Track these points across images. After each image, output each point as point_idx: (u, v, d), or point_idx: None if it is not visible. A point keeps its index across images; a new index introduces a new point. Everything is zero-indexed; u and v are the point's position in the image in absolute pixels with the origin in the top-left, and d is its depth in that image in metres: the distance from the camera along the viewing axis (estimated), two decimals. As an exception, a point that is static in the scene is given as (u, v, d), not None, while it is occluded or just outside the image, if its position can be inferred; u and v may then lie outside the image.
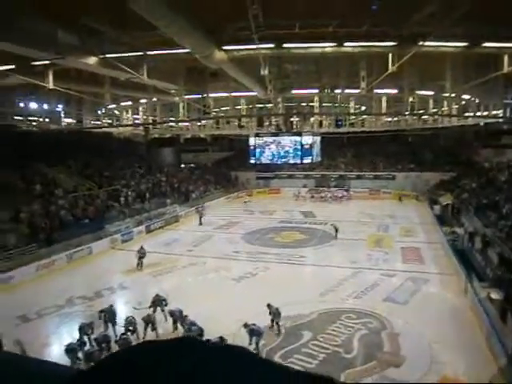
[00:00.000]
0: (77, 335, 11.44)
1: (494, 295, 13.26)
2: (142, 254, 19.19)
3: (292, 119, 36.86)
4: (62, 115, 36.47)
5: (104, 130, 37.27)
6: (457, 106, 31.37)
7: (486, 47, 15.95)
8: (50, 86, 19.62)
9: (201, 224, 29.25)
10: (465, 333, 12.14)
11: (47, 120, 35.81)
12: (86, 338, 11.35)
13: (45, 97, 31.38)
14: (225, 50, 16.50)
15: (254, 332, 11.13)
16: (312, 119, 35.34)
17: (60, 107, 35.54)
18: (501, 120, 33.53)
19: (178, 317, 12.37)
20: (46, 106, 34.94)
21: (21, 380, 0.76)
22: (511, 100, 31.52)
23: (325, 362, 10.87)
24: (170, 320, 12.60)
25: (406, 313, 13.82)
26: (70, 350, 10.49)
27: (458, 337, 11.89)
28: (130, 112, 35.24)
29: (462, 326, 12.64)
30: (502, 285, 14.03)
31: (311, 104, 32.21)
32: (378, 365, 10.66)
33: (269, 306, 12.54)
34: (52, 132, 33.85)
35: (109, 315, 12.50)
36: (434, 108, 31.39)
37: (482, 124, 35.60)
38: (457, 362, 10.62)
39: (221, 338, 9.96)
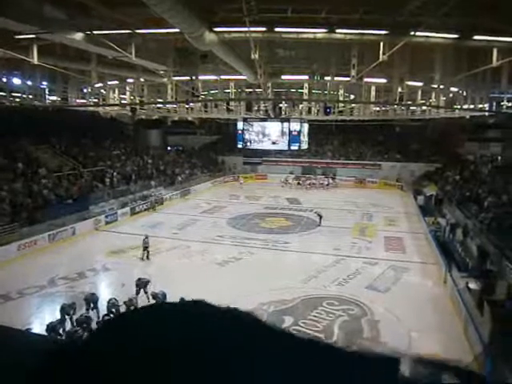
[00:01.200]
0: (58, 315, 11.39)
1: (472, 285, 13.58)
2: (146, 243, 18.15)
3: (281, 105, 36.74)
4: (47, 92, 35.64)
5: (90, 108, 36.60)
6: (444, 98, 31.60)
7: (476, 40, 16.01)
8: (35, 61, 19.07)
9: (154, 210, 28.27)
10: (443, 321, 12.44)
11: (31, 97, 34.96)
12: (67, 319, 11.30)
13: (29, 73, 30.53)
14: (215, 32, 16.22)
15: None
16: (301, 106, 35.25)
17: (44, 84, 34.66)
18: (486, 114, 33.91)
19: (160, 299, 12.38)
20: (29, 83, 34.04)
21: (4, 349, 0.74)
22: (498, 94, 31.84)
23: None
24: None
25: (386, 300, 14.08)
26: (51, 328, 10.45)
27: (436, 325, 12.18)
28: (116, 92, 34.60)
29: (441, 314, 12.95)
30: (480, 275, 14.38)
31: (300, 90, 32.08)
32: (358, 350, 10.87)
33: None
34: (36, 109, 33.08)
35: (91, 302, 12.42)
36: (422, 99, 31.58)
37: (468, 117, 35.95)
38: (434, 350, 10.88)
39: None
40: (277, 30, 16.32)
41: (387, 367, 0.56)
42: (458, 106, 32.27)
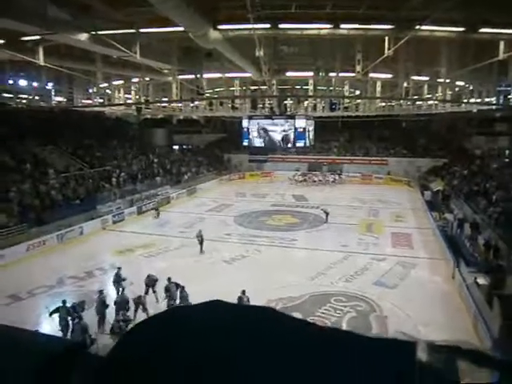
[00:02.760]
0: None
1: (481, 280, 13.48)
2: (200, 237, 19.00)
3: (286, 102, 36.61)
4: (53, 93, 35.86)
5: (95, 109, 36.76)
6: (451, 93, 31.35)
7: (482, 33, 15.85)
8: (41, 62, 19.21)
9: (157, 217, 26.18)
10: (452, 317, 12.38)
11: (37, 98, 35.21)
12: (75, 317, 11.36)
13: (35, 74, 30.74)
14: (220, 30, 16.21)
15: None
16: (306, 102, 35.14)
17: (50, 85, 34.87)
18: (494, 107, 33.61)
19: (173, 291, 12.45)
20: (35, 84, 34.27)
21: (13, 351, 0.75)
22: (505, 87, 31.54)
23: (314, 344, 11.03)
24: (161, 302, 12.68)
25: (394, 296, 14.03)
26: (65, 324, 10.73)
27: (445, 320, 12.11)
28: (121, 91, 34.73)
29: (450, 310, 12.88)
30: (489, 270, 14.27)
31: (305, 87, 31.99)
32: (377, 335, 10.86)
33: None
34: (42, 110, 33.29)
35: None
36: (428, 94, 31.35)
37: (474, 111, 35.67)
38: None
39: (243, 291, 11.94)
40: (281, 26, 16.28)
41: (405, 351, 0.57)
42: (465, 100, 32.05)
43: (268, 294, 13.73)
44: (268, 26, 15.96)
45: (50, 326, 11.56)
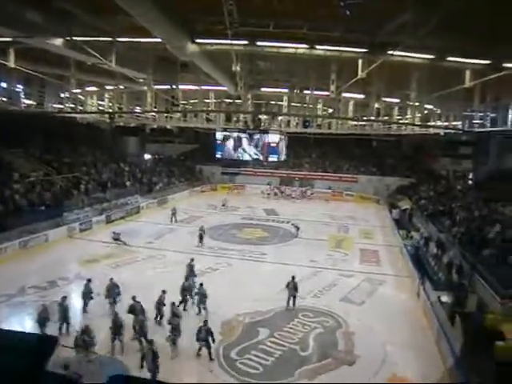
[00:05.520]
0: (27, 325, 11.10)
1: (444, 298, 13.88)
2: (201, 231, 22.05)
3: (260, 116, 36.95)
4: (22, 96, 34.87)
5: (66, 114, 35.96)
6: (420, 115, 32.46)
7: (450, 61, 16.59)
8: (12, 64, 18.74)
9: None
10: (416, 334, 12.64)
11: (5, 99, 34.15)
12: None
13: (3, 75, 29.85)
14: (197, 43, 16.32)
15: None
16: (280, 118, 35.56)
17: (20, 87, 33.92)
18: (459, 131, 34.99)
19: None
20: (4, 85, 33.26)
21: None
22: (470, 112, 32.94)
23: (281, 359, 11.03)
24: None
25: (361, 313, 14.24)
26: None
27: (409, 338, 12.37)
28: (95, 98, 34.21)
29: (414, 327, 13.16)
30: (452, 289, 14.71)
31: (280, 103, 32.44)
32: (333, 363, 10.95)
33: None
34: (10, 113, 32.27)
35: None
36: (398, 115, 32.35)
37: (441, 134, 37.01)
38: (407, 362, 11.06)
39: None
40: (258, 43, 16.52)
41: None
42: (432, 123, 33.23)
43: (236, 307, 13.71)
44: (245, 42, 16.17)
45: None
